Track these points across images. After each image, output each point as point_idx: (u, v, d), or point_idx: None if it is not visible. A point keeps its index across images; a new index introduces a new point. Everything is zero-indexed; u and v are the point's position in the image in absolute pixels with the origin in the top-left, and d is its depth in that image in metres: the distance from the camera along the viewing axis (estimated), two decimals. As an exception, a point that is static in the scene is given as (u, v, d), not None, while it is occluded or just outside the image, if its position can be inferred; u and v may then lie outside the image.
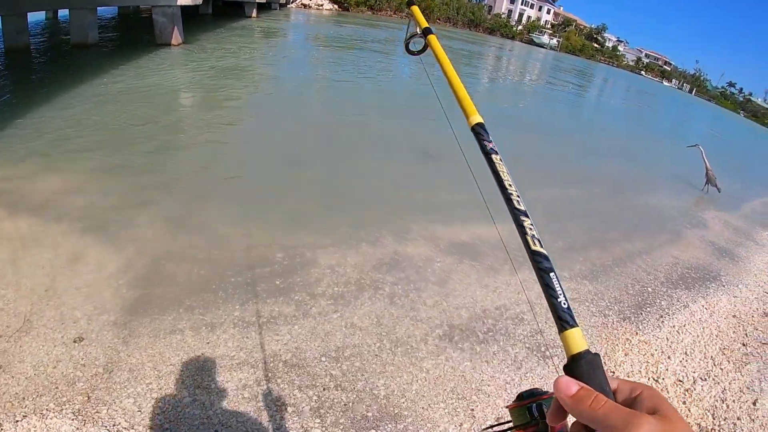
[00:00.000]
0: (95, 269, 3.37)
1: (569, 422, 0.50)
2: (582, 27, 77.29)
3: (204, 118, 7.44)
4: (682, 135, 19.37)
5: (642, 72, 77.60)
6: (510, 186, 0.66)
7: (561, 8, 77.45)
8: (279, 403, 2.51)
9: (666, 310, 4.30)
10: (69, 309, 2.92)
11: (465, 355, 3.13)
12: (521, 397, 0.58)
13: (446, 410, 2.67)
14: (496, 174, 0.68)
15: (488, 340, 3.33)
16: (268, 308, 3.25)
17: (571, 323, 0.52)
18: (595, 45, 75.22)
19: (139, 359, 2.65)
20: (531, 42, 64.16)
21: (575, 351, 0.50)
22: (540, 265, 0.57)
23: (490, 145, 0.72)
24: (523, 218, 0.62)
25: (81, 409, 2.28)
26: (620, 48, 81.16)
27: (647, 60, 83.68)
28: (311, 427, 2.41)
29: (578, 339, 0.51)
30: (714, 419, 2.99)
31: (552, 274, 0.56)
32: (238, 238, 4.12)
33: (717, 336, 4.02)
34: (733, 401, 3.21)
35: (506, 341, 3.36)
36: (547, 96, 20.01)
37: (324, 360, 2.87)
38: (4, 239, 3.58)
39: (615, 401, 0.46)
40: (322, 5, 42.44)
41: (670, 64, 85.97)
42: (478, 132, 0.75)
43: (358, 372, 2.83)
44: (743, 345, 3.98)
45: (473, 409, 2.70)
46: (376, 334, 3.17)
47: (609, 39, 79.66)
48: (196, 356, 2.73)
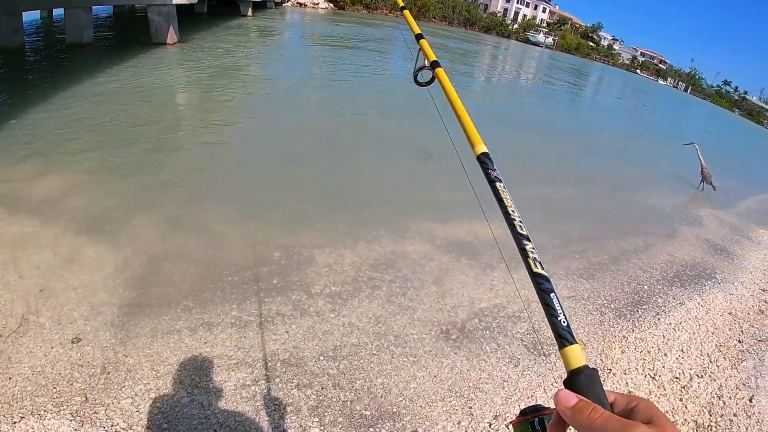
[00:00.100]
0: (92, 269, 3.35)
1: None
2: (578, 26, 77.37)
3: (200, 118, 7.42)
4: (678, 133, 19.45)
5: (637, 71, 77.70)
6: (513, 212, 0.68)
7: (557, 7, 77.51)
8: (277, 403, 2.52)
9: (662, 308, 4.33)
10: (66, 309, 2.92)
11: (462, 353, 3.14)
12: (524, 413, 0.60)
13: (444, 408, 2.68)
14: (500, 201, 0.71)
15: (485, 338, 3.34)
16: (266, 307, 3.25)
17: (571, 340, 0.54)
18: (591, 44, 75.30)
19: (137, 359, 2.64)
20: (527, 41, 64.15)
21: (574, 366, 0.52)
22: (541, 286, 0.59)
23: (495, 174, 0.75)
24: (525, 242, 0.64)
25: (79, 410, 2.27)
26: (616, 47, 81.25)
27: (643, 59, 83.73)
28: (309, 426, 2.41)
29: (577, 355, 0.53)
30: (711, 416, 3.01)
31: (552, 295, 0.58)
32: (236, 238, 4.11)
33: (713, 333, 4.05)
34: (730, 398, 3.23)
35: (503, 339, 3.37)
36: (544, 95, 20.04)
37: (322, 359, 2.87)
38: (0, 240, 3.57)
39: (612, 413, 0.49)
40: (318, 4, 42.28)
41: (666, 63, 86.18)
42: (483, 161, 0.78)
43: (356, 371, 2.83)
44: (739, 342, 4.01)
45: (471, 407, 2.71)
46: (374, 333, 3.18)
47: (604, 38, 79.74)
48: (194, 356, 2.73)
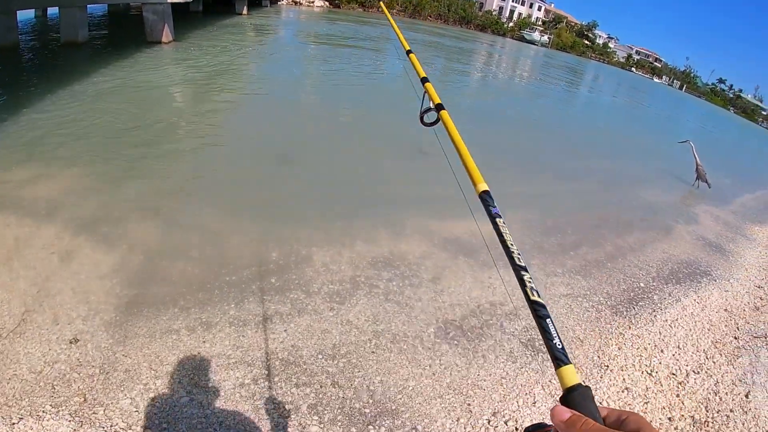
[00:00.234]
0: (90, 269, 3.34)
1: None
2: (573, 24, 77.50)
3: (196, 117, 7.39)
4: (673, 131, 19.54)
5: (632, 69, 77.96)
6: (512, 245, 0.73)
7: (552, 5, 77.60)
8: (276, 401, 2.52)
9: (658, 305, 4.35)
10: (64, 309, 2.90)
11: (460, 351, 3.16)
12: (527, 431, 0.64)
13: (443, 405, 2.69)
14: (500, 235, 0.75)
15: (483, 336, 3.36)
16: (264, 306, 3.25)
17: (565, 361, 0.58)
18: (586, 42, 75.44)
19: (136, 359, 2.64)
20: (522, 39, 64.24)
21: (569, 384, 0.56)
22: (538, 313, 0.63)
23: (495, 210, 0.80)
24: (523, 273, 0.68)
25: (78, 410, 2.27)
26: (611, 45, 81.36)
27: (638, 57, 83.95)
28: (309, 424, 2.41)
29: (571, 374, 0.57)
30: (707, 411, 3.04)
31: (548, 320, 0.62)
32: (233, 237, 4.10)
33: (709, 330, 4.08)
34: (726, 394, 3.26)
35: (501, 336, 3.39)
36: (540, 93, 20.07)
37: (320, 357, 2.88)
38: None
39: (604, 425, 0.53)
40: (313, 2, 42.07)
41: (661, 61, 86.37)
42: (485, 198, 0.84)
43: (355, 369, 2.84)
44: (735, 338, 4.04)
45: (470, 404, 2.72)
46: (372, 331, 3.19)
47: (600, 36, 79.85)
48: (193, 355, 2.72)
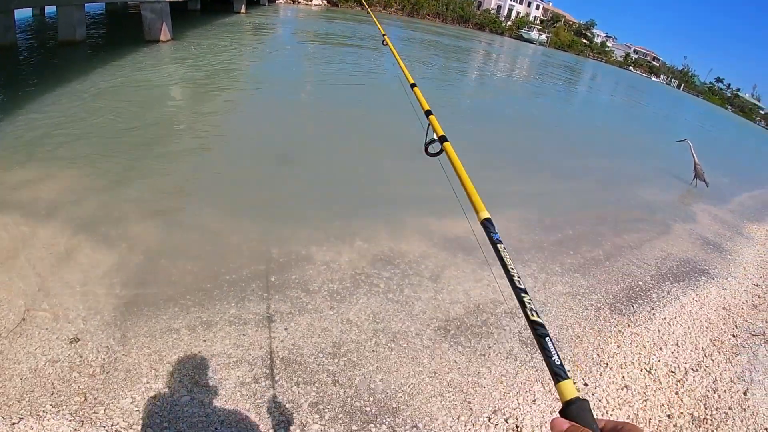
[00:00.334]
0: (90, 269, 3.33)
1: None
2: (571, 23, 77.48)
3: (195, 115, 7.38)
4: (671, 130, 19.57)
5: (630, 68, 78.06)
6: (512, 269, 0.77)
7: (550, 4, 77.58)
8: (277, 400, 2.52)
9: (657, 303, 4.37)
10: (64, 309, 2.90)
11: (461, 349, 3.16)
12: None
13: (443, 403, 2.69)
14: (501, 260, 0.79)
15: (483, 334, 3.36)
16: (264, 305, 3.25)
17: (564, 376, 0.61)
18: (584, 41, 75.48)
19: (136, 359, 2.63)
20: (520, 38, 64.32)
21: (568, 398, 0.59)
22: (537, 332, 0.67)
23: (496, 236, 0.84)
24: (523, 294, 0.72)
25: (78, 410, 2.26)
26: (609, 44, 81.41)
27: (636, 56, 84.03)
28: (310, 423, 2.42)
29: (570, 388, 0.60)
30: (706, 409, 3.05)
31: (547, 339, 0.66)
32: (233, 236, 4.10)
33: (707, 327, 4.09)
34: (725, 391, 3.27)
35: (501, 334, 3.40)
36: (538, 92, 20.09)
37: (321, 356, 2.88)
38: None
39: None
40: (312, 0, 42.09)
41: (659, 60, 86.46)
42: (487, 226, 0.88)
43: (355, 367, 2.84)
44: (733, 336, 4.06)
45: (470, 402, 2.73)
46: (372, 330, 3.19)
47: (598, 35, 79.88)
48: (193, 354, 2.72)
